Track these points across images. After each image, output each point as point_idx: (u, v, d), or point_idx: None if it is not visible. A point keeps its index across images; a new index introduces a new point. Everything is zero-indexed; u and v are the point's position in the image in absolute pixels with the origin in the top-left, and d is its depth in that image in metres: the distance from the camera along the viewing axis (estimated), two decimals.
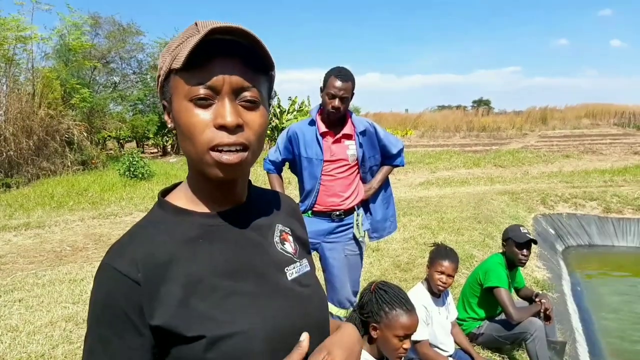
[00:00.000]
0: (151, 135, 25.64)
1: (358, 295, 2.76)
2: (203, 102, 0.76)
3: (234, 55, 0.76)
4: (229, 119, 0.75)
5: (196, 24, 0.78)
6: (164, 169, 14.14)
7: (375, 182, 3.02)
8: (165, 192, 0.90)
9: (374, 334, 1.93)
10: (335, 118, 2.81)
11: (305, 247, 0.98)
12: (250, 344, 0.75)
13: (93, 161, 13.97)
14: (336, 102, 2.73)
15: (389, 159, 3.06)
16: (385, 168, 3.06)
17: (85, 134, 14.19)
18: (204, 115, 0.76)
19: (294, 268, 0.88)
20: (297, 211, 1.02)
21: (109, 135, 21.12)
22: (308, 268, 0.91)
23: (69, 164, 13.16)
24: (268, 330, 0.78)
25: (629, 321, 5.70)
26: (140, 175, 11.99)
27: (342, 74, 2.75)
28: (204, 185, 0.84)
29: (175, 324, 0.74)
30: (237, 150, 0.77)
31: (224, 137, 0.76)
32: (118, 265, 0.75)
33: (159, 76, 0.83)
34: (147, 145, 29.30)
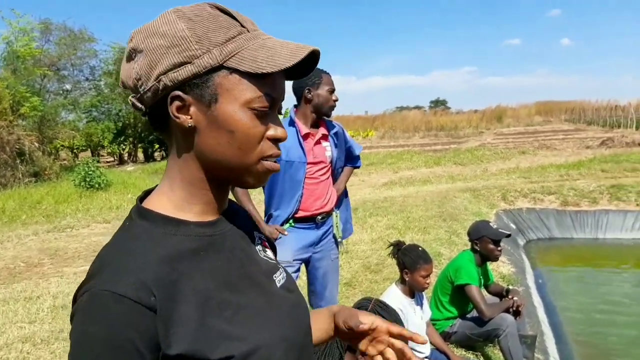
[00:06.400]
0: (106, 144, 24.98)
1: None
2: (263, 114, 0.73)
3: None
4: (283, 133, 0.76)
5: (227, 12, 0.72)
6: (121, 177, 13.72)
7: (342, 182, 3.06)
8: (142, 200, 0.79)
9: (361, 358, 1.82)
10: (331, 114, 2.84)
11: (275, 254, 0.95)
12: (273, 357, 0.73)
13: (46, 172, 13.44)
14: (336, 96, 2.78)
15: (351, 160, 3.12)
16: (347, 169, 3.12)
17: (36, 145, 13.66)
18: (260, 127, 0.73)
19: (280, 274, 0.85)
20: (254, 222, 0.97)
21: (62, 145, 20.43)
22: (286, 273, 0.89)
23: (20, 176, 12.64)
24: (283, 341, 0.76)
25: (590, 310, 5.89)
26: (96, 185, 11.58)
27: (326, 71, 2.80)
28: (203, 192, 0.76)
29: (198, 348, 0.66)
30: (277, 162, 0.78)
31: (275, 149, 0.75)
32: (122, 289, 0.63)
33: (182, 63, 0.69)
34: (102, 154, 28.53)
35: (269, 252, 0.89)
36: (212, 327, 0.68)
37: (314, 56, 0.74)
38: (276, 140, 0.75)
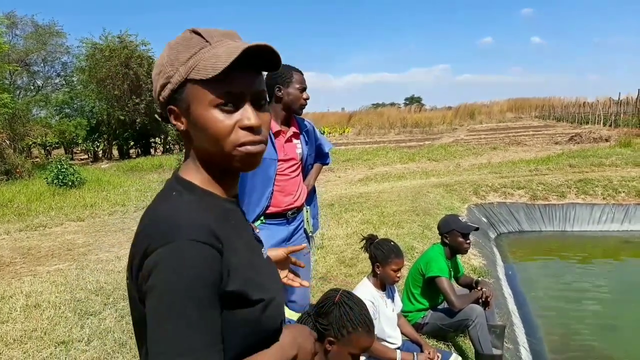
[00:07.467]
0: (80, 141, 24.52)
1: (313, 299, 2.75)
2: (229, 109, 0.86)
3: (250, 64, 0.87)
4: (255, 121, 0.87)
5: (198, 33, 0.88)
6: (95, 175, 13.54)
7: (312, 178, 3.12)
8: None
9: (328, 347, 1.89)
10: (301, 112, 2.87)
11: None
12: (280, 306, 0.96)
13: (17, 170, 13.18)
14: (307, 95, 2.82)
15: (321, 157, 3.18)
16: (317, 166, 3.18)
17: (7, 142, 13.37)
18: (229, 120, 0.86)
19: (264, 250, 1.07)
20: None
21: (34, 142, 19.99)
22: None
23: None
24: (282, 297, 1.01)
25: (559, 301, 6.07)
26: (70, 183, 11.43)
27: (298, 69, 2.83)
28: (219, 176, 0.94)
29: (245, 289, 0.86)
30: (259, 144, 0.90)
31: (249, 136, 0.88)
32: (203, 238, 0.81)
33: (165, 84, 0.89)
34: (76, 151, 28.00)
35: (257, 233, 1.09)
36: (250, 276, 0.89)
37: (264, 50, 0.86)
38: (250, 129, 0.87)
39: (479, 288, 3.60)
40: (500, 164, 13.50)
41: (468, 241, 3.59)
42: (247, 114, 0.87)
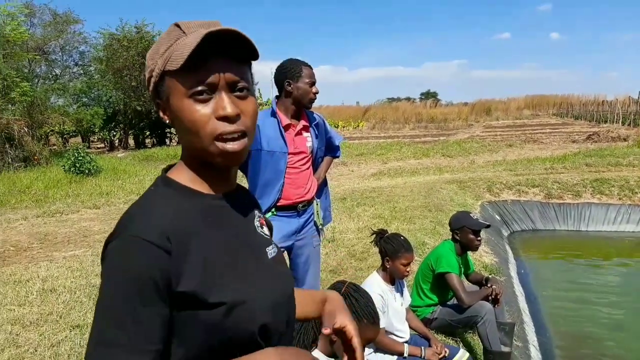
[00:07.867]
0: (97, 130, 24.80)
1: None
2: (203, 98, 0.84)
3: (224, 52, 0.84)
4: (230, 110, 0.84)
5: (178, 25, 0.88)
6: (111, 164, 13.69)
7: (322, 172, 3.14)
8: (166, 171, 0.96)
9: (334, 337, 1.90)
10: (311, 106, 2.89)
11: (271, 233, 1.10)
12: (257, 311, 0.87)
13: (35, 157, 13.39)
14: (316, 89, 2.84)
15: (332, 150, 3.21)
16: (327, 159, 3.20)
17: (26, 129, 13.57)
18: (204, 110, 0.84)
19: (272, 248, 1.01)
20: (258, 204, 1.13)
21: (52, 130, 20.26)
22: (277, 249, 1.04)
23: (10, 160, 12.61)
24: (270, 300, 0.91)
25: (571, 301, 6.03)
26: (86, 171, 11.59)
27: (308, 63, 2.85)
28: (205, 171, 0.92)
29: (200, 291, 0.81)
30: (239, 137, 0.86)
31: (226, 127, 0.85)
32: (148, 236, 0.80)
33: (149, 78, 0.90)
34: (93, 140, 28.32)
35: (265, 229, 1.04)
36: (212, 277, 0.84)
37: (233, 36, 0.84)
38: (226, 118, 0.85)
39: (489, 285, 3.61)
40: (515, 162, 13.37)
41: (479, 238, 3.59)
42: (222, 103, 0.84)
